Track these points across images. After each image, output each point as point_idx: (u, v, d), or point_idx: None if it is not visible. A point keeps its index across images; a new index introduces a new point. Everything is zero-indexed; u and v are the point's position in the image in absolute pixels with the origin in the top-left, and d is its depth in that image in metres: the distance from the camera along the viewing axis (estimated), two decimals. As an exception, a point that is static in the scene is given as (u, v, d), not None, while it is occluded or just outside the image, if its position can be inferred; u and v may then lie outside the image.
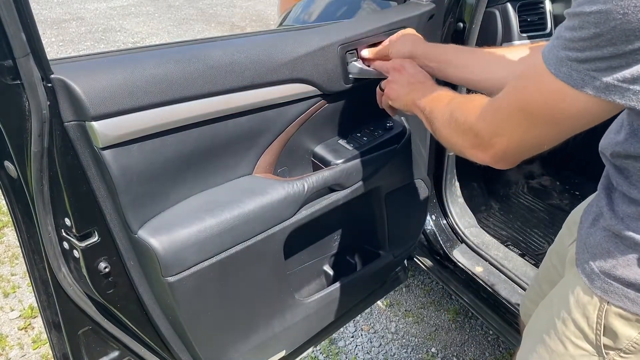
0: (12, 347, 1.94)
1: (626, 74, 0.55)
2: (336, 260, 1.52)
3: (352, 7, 1.99)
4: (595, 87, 0.58)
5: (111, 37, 5.44)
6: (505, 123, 0.71)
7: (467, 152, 0.81)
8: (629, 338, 0.73)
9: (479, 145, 0.77)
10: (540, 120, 0.66)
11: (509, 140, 0.72)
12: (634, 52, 0.54)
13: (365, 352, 1.94)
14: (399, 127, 1.39)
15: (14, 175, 0.88)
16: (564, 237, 1.01)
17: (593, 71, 0.57)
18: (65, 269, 0.99)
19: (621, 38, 0.54)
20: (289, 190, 1.16)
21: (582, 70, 0.58)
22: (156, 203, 1.02)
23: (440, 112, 0.89)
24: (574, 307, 0.78)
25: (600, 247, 0.74)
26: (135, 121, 0.91)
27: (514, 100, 0.70)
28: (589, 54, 0.57)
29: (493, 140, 0.74)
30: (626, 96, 0.57)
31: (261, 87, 1.09)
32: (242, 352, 1.26)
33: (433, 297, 2.20)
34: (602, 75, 0.57)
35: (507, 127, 0.71)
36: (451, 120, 0.83)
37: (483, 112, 0.75)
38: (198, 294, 1.07)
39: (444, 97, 0.92)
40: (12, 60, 0.76)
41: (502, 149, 0.73)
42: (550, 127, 0.66)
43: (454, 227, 1.76)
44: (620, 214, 0.72)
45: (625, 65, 0.55)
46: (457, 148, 0.84)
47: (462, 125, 0.80)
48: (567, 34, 0.59)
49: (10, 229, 2.54)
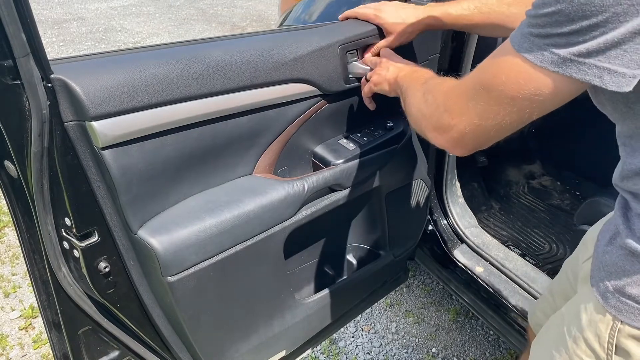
0: (12, 347, 1.94)
1: (582, 48, 0.57)
2: (336, 260, 1.52)
3: (352, 7, 1.98)
4: (554, 61, 0.59)
5: (112, 37, 5.44)
6: (467, 102, 0.71)
7: (429, 134, 0.81)
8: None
9: (440, 127, 0.77)
10: (500, 97, 0.66)
11: (468, 120, 0.71)
12: (590, 27, 0.55)
13: (366, 353, 1.94)
14: (399, 127, 1.39)
15: (14, 174, 0.88)
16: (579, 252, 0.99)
17: (552, 46, 0.59)
18: (66, 269, 0.99)
19: (578, 14, 0.55)
20: (289, 190, 1.16)
21: (542, 45, 0.60)
22: (156, 203, 1.02)
23: (414, 90, 0.90)
24: (586, 325, 0.77)
25: (616, 266, 0.73)
26: (135, 121, 0.91)
27: (477, 79, 0.71)
28: (549, 30, 0.59)
29: (454, 121, 0.73)
30: (582, 70, 0.58)
31: (261, 87, 1.09)
32: (242, 352, 1.25)
33: (433, 297, 2.20)
34: (560, 49, 0.58)
35: (468, 106, 0.71)
36: (421, 101, 0.84)
37: (450, 93, 0.76)
38: (198, 293, 1.07)
39: (422, 76, 0.94)
40: (12, 60, 0.76)
41: (461, 130, 0.73)
42: (509, 106, 0.66)
43: (454, 227, 1.76)
44: (637, 232, 0.70)
45: (582, 41, 0.57)
46: (420, 128, 0.85)
47: (430, 107, 0.80)
48: (532, 12, 0.61)
49: (11, 229, 2.54)
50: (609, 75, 0.57)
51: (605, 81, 0.58)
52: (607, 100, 0.68)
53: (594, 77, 0.58)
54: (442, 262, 1.77)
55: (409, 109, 0.90)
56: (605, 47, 0.56)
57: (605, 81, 0.58)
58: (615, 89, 0.58)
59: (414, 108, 0.88)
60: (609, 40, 0.55)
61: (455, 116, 0.73)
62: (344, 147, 1.31)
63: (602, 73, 0.57)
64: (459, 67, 1.51)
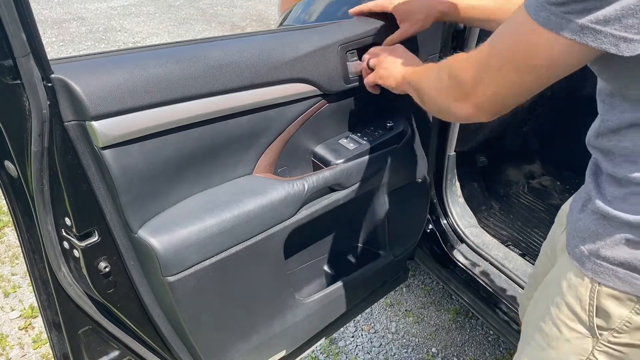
0: (12, 347, 1.94)
1: (599, 15, 0.58)
2: (336, 260, 1.52)
3: (352, 7, 1.98)
4: (571, 29, 0.60)
5: (112, 37, 5.44)
6: (486, 71, 0.73)
7: (451, 107, 0.82)
8: (621, 317, 0.74)
9: (461, 96, 0.79)
10: (519, 65, 0.68)
11: (489, 88, 0.74)
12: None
13: (366, 352, 1.94)
14: (399, 127, 1.39)
15: (14, 174, 0.88)
16: (555, 228, 1.03)
17: (569, 14, 0.60)
18: (66, 269, 0.99)
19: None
20: (289, 190, 1.16)
21: (558, 13, 0.61)
22: (156, 203, 1.02)
23: (427, 77, 0.92)
24: (567, 291, 0.80)
25: (589, 231, 0.76)
26: (135, 121, 0.91)
27: (495, 47, 0.72)
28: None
29: (475, 90, 0.75)
30: (598, 39, 0.59)
31: (261, 86, 1.09)
32: (242, 352, 1.26)
33: (433, 297, 2.20)
34: (577, 17, 0.59)
35: (487, 74, 0.73)
36: (437, 80, 0.86)
37: (466, 63, 0.78)
38: (198, 293, 1.07)
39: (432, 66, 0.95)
40: (12, 60, 0.76)
41: (483, 97, 0.75)
42: (528, 73, 0.68)
43: (454, 227, 1.76)
44: (608, 196, 0.74)
45: (598, 7, 0.57)
46: (442, 106, 0.86)
47: (447, 81, 0.82)
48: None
49: (11, 229, 2.54)
50: (624, 43, 0.59)
51: (622, 49, 0.59)
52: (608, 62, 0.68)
53: (610, 46, 0.59)
54: (442, 262, 1.77)
55: (427, 96, 0.92)
56: (621, 14, 0.57)
57: (622, 49, 0.59)
58: (629, 54, 0.59)
59: (432, 92, 0.89)
60: (625, 6, 0.56)
61: (475, 85, 0.75)
62: (344, 147, 1.31)
63: (619, 41, 0.59)
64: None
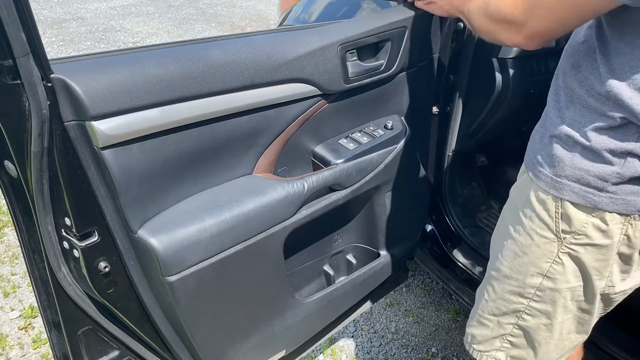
0: (12, 347, 1.94)
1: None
2: (336, 260, 1.52)
3: (352, 7, 1.98)
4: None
5: (111, 37, 5.44)
6: (537, 7, 0.84)
7: (503, 37, 0.94)
8: (580, 220, 0.88)
9: (513, 28, 0.89)
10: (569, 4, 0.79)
11: (540, 20, 0.84)
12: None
13: (366, 352, 1.94)
14: (399, 127, 1.39)
15: (14, 174, 0.88)
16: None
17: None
18: (65, 269, 0.99)
19: None
20: (289, 190, 1.16)
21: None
22: (156, 203, 1.02)
23: (476, 8, 1.02)
24: (537, 204, 0.94)
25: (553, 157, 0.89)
26: (135, 121, 0.91)
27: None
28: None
29: (527, 23, 0.86)
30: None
31: (261, 86, 1.09)
32: (242, 352, 1.26)
33: (433, 297, 2.20)
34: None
35: (539, 9, 0.84)
36: (485, 13, 0.97)
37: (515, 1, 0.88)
38: (198, 293, 1.07)
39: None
40: (12, 59, 0.76)
41: (534, 29, 0.86)
42: (576, 8, 0.79)
43: (454, 227, 1.76)
44: (567, 120, 0.87)
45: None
46: (494, 35, 0.98)
47: (497, 16, 0.93)
48: None
49: (11, 229, 2.54)
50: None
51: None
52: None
53: None
54: (441, 262, 1.77)
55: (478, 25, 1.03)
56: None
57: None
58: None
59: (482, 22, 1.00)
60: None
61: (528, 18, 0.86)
62: (344, 147, 1.31)
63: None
64: (458, 67, 1.51)
